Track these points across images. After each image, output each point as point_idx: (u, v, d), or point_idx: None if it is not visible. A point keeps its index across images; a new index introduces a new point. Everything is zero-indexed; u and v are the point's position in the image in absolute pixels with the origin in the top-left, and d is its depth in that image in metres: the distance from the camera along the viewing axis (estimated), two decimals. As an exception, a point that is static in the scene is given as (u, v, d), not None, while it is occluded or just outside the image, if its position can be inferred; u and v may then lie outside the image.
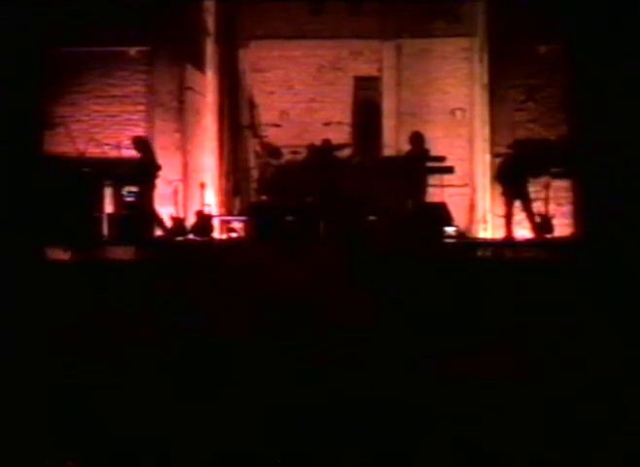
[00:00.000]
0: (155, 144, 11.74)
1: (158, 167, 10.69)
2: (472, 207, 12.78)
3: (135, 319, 4.92)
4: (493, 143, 11.86)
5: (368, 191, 10.76)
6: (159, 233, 10.74)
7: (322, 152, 11.40)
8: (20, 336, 4.44)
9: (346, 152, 11.86)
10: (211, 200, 12.40)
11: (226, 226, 12.25)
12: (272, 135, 12.54)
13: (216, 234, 11.70)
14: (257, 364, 3.84)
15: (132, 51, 11.78)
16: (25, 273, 6.75)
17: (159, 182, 11.44)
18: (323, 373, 3.72)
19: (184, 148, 11.97)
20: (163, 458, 2.91)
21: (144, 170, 10.60)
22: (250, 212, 11.64)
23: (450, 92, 13.52)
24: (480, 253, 9.18)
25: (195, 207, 11.78)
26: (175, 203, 11.36)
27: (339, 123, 12.53)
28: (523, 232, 10.95)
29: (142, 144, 10.79)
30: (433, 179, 11.21)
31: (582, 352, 4.08)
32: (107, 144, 11.45)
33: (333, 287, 5.92)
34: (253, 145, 13.22)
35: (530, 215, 10.71)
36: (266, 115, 13.30)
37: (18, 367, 3.84)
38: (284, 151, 11.83)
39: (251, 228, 11.30)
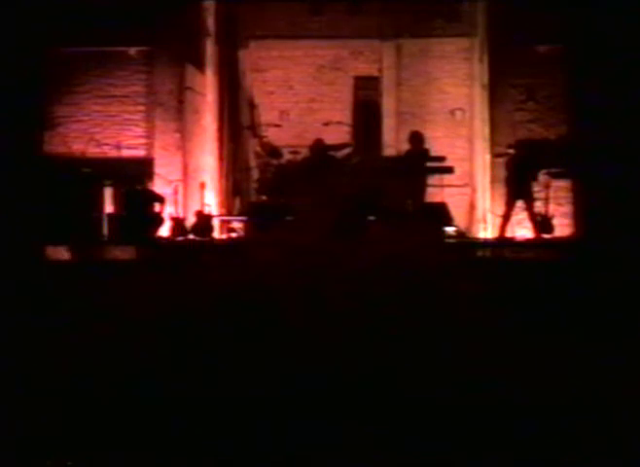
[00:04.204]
0: (155, 144, 11.75)
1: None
2: (472, 207, 12.78)
3: (135, 319, 4.92)
4: (493, 143, 11.85)
5: (367, 191, 10.76)
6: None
7: (316, 151, 11.41)
8: (21, 336, 4.44)
9: (346, 151, 11.85)
10: (211, 200, 12.40)
11: (226, 226, 12.24)
12: (272, 135, 12.52)
13: (216, 234, 11.70)
14: (256, 364, 3.85)
15: (132, 51, 11.77)
16: (25, 273, 6.75)
17: (159, 182, 11.48)
18: (323, 371, 3.73)
19: (184, 148, 11.96)
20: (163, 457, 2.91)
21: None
22: (250, 212, 11.64)
23: (450, 92, 13.51)
24: (480, 253, 9.19)
25: (195, 207, 11.78)
26: (175, 203, 11.36)
27: (339, 123, 12.52)
28: (523, 232, 10.96)
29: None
30: (433, 179, 11.22)
31: (581, 352, 4.08)
32: (107, 144, 11.45)
33: (332, 287, 5.93)
34: (253, 145, 13.20)
35: (533, 215, 10.72)
36: (266, 115, 13.29)
37: (18, 367, 3.84)
38: (284, 151, 11.82)
39: (251, 228, 11.30)
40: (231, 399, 3.40)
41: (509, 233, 10.81)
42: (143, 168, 11.53)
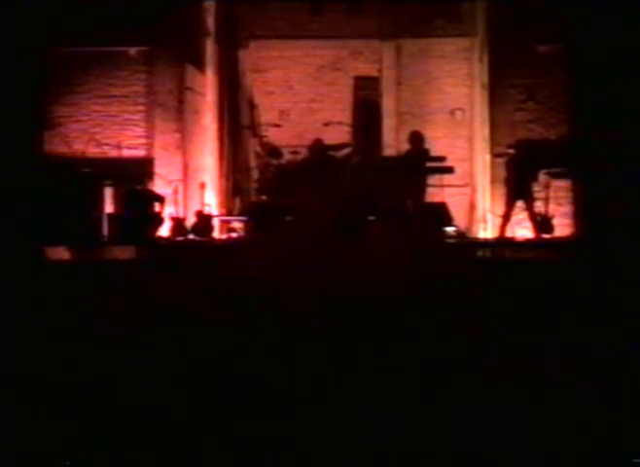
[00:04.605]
0: (155, 144, 11.75)
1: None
2: (472, 207, 12.79)
3: (135, 319, 4.92)
4: (493, 143, 11.86)
5: (367, 191, 10.77)
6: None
7: (315, 151, 11.43)
8: (20, 336, 4.44)
9: (346, 151, 11.86)
10: (211, 200, 12.41)
11: (226, 226, 12.26)
12: (272, 135, 12.53)
13: (216, 234, 11.71)
14: (254, 363, 3.85)
15: (132, 51, 11.78)
16: (25, 273, 6.74)
17: (159, 182, 11.49)
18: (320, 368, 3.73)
19: (184, 148, 11.97)
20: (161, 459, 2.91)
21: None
22: (250, 212, 11.65)
23: (450, 92, 13.52)
24: (480, 253, 9.19)
25: (195, 207, 11.79)
26: (175, 203, 11.36)
27: (339, 123, 12.53)
28: (523, 232, 10.96)
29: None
30: (433, 179, 11.22)
31: (580, 352, 4.08)
32: (107, 144, 11.45)
33: (332, 286, 5.92)
34: (253, 145, 13.22)
35: (533, 215, 10.73)
36: (266, 115, 13.30)
37: (18, 367, 3.84)
38: (284, 151, 11.83)
39: (251, 228, 11.31)
40: (230, 398, 3.40)
41: (509, 233, 10.82)
42: (143, 168, 11.54)
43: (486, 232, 12.00)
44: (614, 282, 5.94)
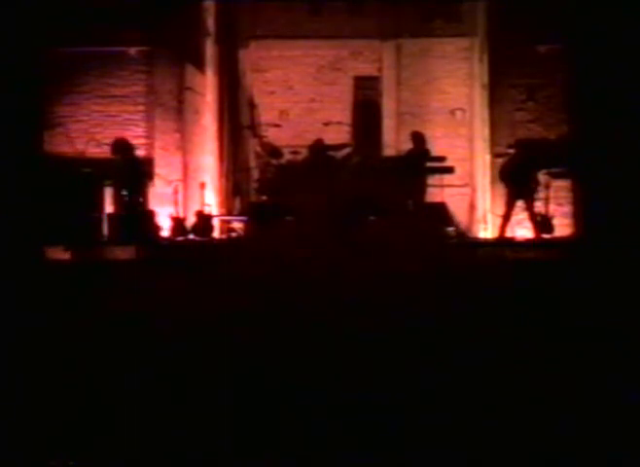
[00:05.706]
0: (155, 144, 11.74)
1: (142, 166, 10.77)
2: (472, 207, 12.79)
3: (134, 319, 4.92)
4: (493, 143, 11.86)
5: (368, 191, 10.77)
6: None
7: (315, 151, 11.44)
8: (20, 336, 4.44)
9: (346, 151, 11.86)
10: (211, 200, 12.41)
11: (226, 226, 12.25)
12: (272, 135, 12.53)
13: (216, 234, 11.70)
14: (255, 363, 3.85)
15: (132, 51, 11.77)
16: (25, 273, 6.75)
17: (158, 182, 11.48)
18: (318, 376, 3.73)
19: (184, 148, 11.97)
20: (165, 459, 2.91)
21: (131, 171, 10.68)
22: (250, 212, 11.64)
23: (450, 92, 13.52)
24: (480, 253, 9.19)
25: (195, 207, 11.79)
26: (175, 203, 11.36)
27: (339, 123, 12.52)
28: (523, 232, 10.97)
29: (121, 145, 10.80)
30: (433, 179, 11.23)
31: (580, 352, 4.08)
32: (107, 144, 11.43)
33: (332, 286, 5.92)
34: (253, 145, 13.22)
35: (533, 215, 10.73)
36: (266, 115, 13.30)
37: (19, 367, 3.84)
38: (284, 151, 11.83)
39: (251, 228, 11.31)
40: (228, 398, 3.41)
41: (509, 233, 10.82)
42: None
43: (486, 232, 12.00)
44: (613, 282, 5.94)
